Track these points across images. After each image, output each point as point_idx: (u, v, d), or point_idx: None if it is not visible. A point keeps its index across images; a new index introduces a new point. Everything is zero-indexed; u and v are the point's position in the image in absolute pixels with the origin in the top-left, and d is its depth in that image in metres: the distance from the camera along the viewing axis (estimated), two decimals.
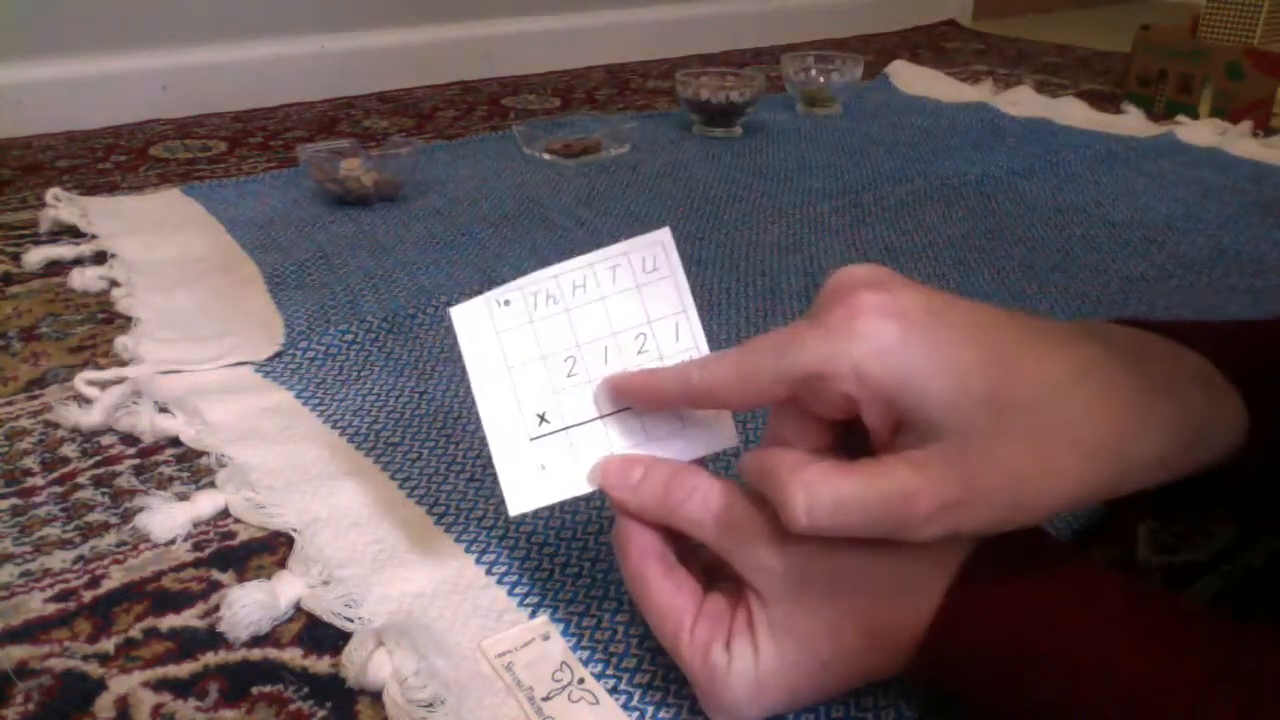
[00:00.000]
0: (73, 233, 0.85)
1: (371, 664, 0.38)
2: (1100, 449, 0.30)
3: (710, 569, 0.37)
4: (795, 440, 0.34)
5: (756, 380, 0.32)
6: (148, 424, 0.55)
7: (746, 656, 0.33)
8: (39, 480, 0.52)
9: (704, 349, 0.38)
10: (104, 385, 0.59)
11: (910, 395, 0.29)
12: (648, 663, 0.39)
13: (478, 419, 0.38)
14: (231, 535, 0.48)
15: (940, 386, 0.29)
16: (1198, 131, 1.18)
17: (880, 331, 0.30)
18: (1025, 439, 0.29)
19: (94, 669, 0.40)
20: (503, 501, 0.38)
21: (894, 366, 0.29)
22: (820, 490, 0.30)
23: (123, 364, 0.63)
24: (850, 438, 0.33)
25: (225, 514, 0.49)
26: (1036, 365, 0.30)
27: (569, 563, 0.45)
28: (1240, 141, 1.14)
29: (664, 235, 0.39)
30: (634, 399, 0.37)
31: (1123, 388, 0.31)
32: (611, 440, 0.38)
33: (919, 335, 0.30)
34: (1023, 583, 0.31)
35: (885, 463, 0.30)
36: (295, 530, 0.47)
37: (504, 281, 0.39)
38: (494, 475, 0.38)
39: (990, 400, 0.29)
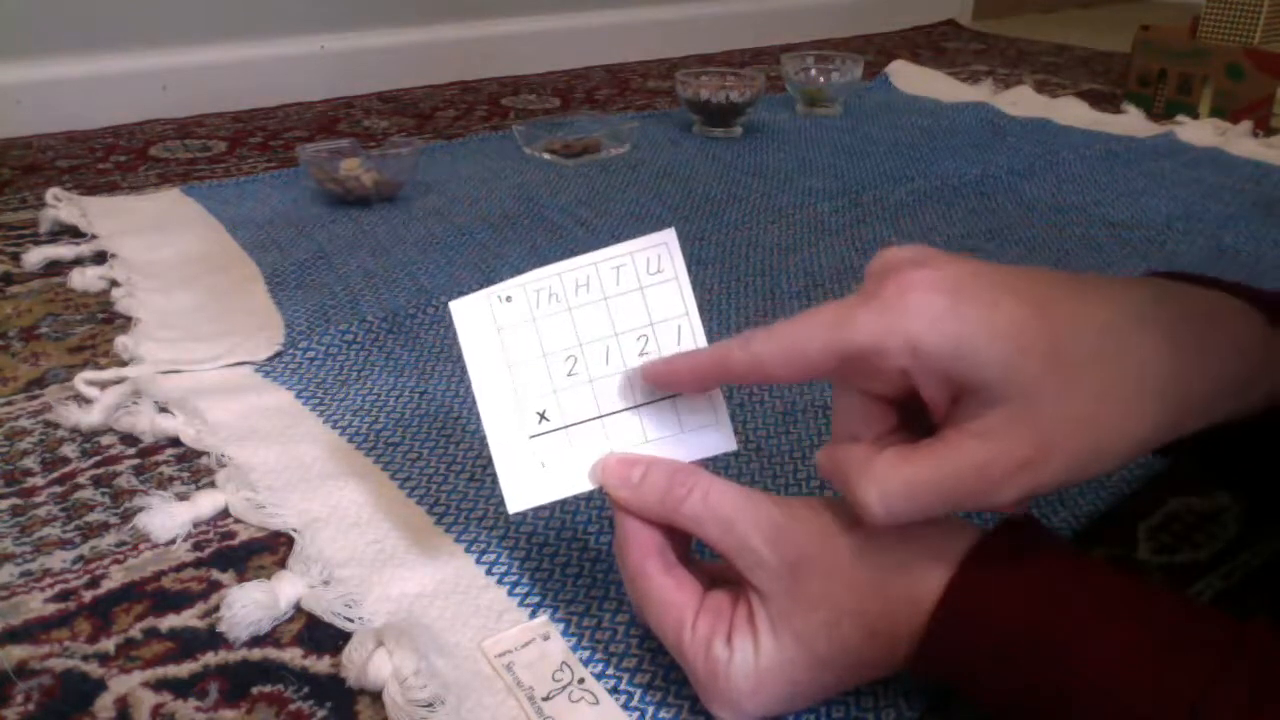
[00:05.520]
0: (73, 233, 0.85)
1: (371, 664, 0.38)
2: (1167, 389, 0.30)
3: (711, 576, 0.37)
4: (860, 427, 0.34)
5: (805, 355, 0.32)
6: (148, 424, 0.55)
7: (747, 651, 0.33)
8: (39, 480, 0.52)
9: None
10: (104, 385, 0.59)
11: (968, 361, 0.29)
12: (648, 662, 0.39)
13: (478, 418, 0.38)
14: (231, 535, 0.48)
15: (998, 348, 0.29)
16: (1198, 131, 1.18)
17: (932, 304, 0.30)
18: (1096, 388, 0.29)
19: (94, 669, 0.40)
20: (503, 500, 0.38)
21: (949, 335, 0.30)
22: (890, 481, 0.30)
23: (123, 364, 0.63)
24: (915, 416, 0.33)
25: (225, 514, 0.49)
26: (1094, 315, 0.30)
27: (569, 563, 0.45)
28: (1240, 141, 1.14)
29: (669, 236, 0.38)
30: (671, 385, 0.37)
31: (1178, 325, 0.31)
32: (611, 440, 0.38)
33: (971, 302, 0.30)
34: (1023, 579, 0.31)
35: (949, 438, 0.30)
36: (295, 530, 0.47)
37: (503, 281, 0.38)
38: (494, 475, 0.38)
39: (1053, 354, 0.29)
